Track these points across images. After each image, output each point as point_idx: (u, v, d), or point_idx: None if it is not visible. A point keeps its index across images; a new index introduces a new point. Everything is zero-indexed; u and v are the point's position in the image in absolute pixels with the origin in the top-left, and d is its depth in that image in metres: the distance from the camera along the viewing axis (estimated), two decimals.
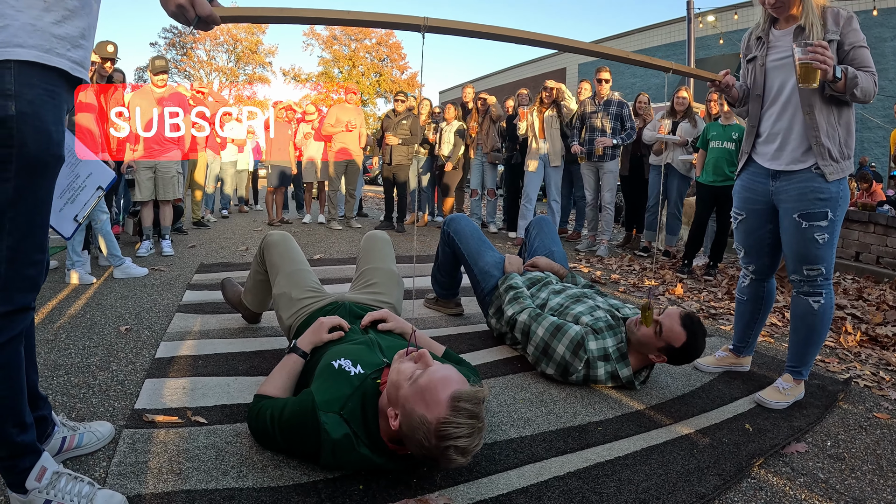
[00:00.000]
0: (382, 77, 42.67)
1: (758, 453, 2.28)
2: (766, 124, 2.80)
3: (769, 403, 2.74)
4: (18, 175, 1.53)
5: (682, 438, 2.39)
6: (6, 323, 1.59)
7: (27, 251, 1.60)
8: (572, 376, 2.85)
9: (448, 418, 1.70)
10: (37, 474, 1.69)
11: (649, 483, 2.03)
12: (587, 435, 2.37)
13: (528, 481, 2.00)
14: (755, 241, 2.93)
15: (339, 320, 2.44)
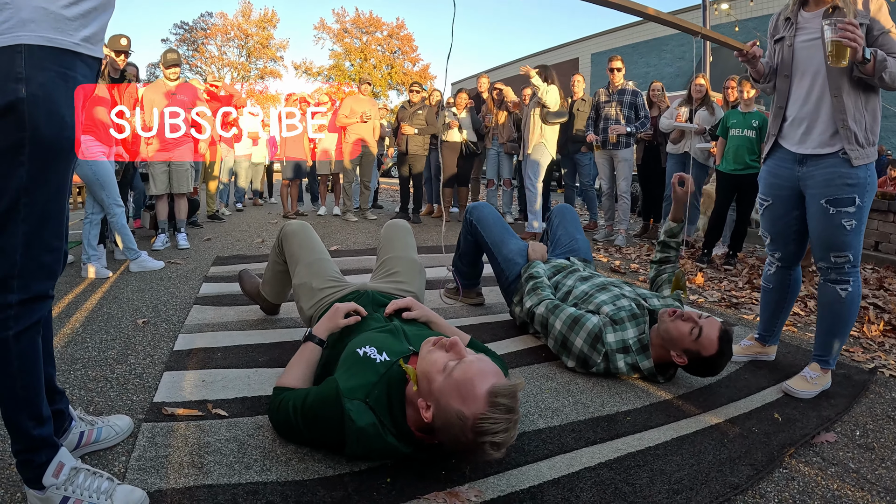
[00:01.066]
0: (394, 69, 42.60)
1: (788, 443, 2.24)
2: (793, 107, 2.73)
3: (797, 393, 2.69)
4: (32, 160, 1.52)
5: (712, 428, 2.34)
6: (23, 311, 1.57)
7: (44, 238, 1.59)
8: (592, 368, 2.81)
9: (486, 414, 1.66)
10: (54, 470, 1.65)
11: (682, 474, 1.99)
12: (616, 425, 2.33)
13: (559, 472, 1.97)
14: (782, 227, 2.87)
15: (355, 306, 2.41)
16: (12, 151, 1.50)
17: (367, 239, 6.86)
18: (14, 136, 1.48)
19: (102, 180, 4.58)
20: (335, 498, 1.76)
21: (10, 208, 1.52)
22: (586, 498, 1.83)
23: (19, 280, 1.56)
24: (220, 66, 40.36)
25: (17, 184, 1.51)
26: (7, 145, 1.50)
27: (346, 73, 41.84)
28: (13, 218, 1.53)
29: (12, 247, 1.54)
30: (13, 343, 1.56)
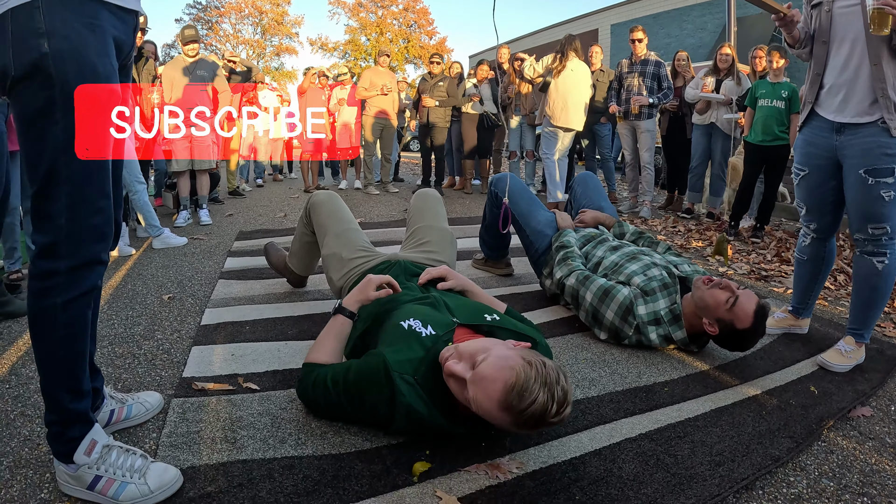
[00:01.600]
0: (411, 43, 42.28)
1: (826, 416, 2.21)
2: (830, 75, 2.65)
3: (832, 366, 2.65)
4: (67, 115, 1.44)
5: (750, 400, 2.31)
6: (72, 279, 1.52)
7: (89, 198, 1.52)
8: (624, 341, 2.78)
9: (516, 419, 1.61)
10: (86, 447, 1.60)
11: (723, 445, 1.96)
12: (654, 396, 2.30)
13: (600, 443, 1.95)
14: (818, 198, 2.81)
15: (388, 278, 2.29)
16: (45, 111, 1.44)
17: (391, 212, 6.83)
18: (43, 94, 1.43)
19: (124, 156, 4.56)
20: (374, 471, 1.74)
21: (49, 170, 1.47)
22: (629, 469, 1.80)
23: (66, 245, 1.50)
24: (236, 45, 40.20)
25: (54, 143, 1.45)
26: (39, 106, 1.44)
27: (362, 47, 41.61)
28: (54, 180, 1.47)
29: (57, 211, 1.48)
30: (60, 312, 1.52)
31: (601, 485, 1.72)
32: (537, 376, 1.58)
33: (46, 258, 1.51)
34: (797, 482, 1.82)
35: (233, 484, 1.66)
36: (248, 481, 1.68)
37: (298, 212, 6.62)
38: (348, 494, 1.64)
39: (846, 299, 3.85)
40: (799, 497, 1.75)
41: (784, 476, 1.85)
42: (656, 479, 1.76)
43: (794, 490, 1.78)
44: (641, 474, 1.78)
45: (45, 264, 1.51)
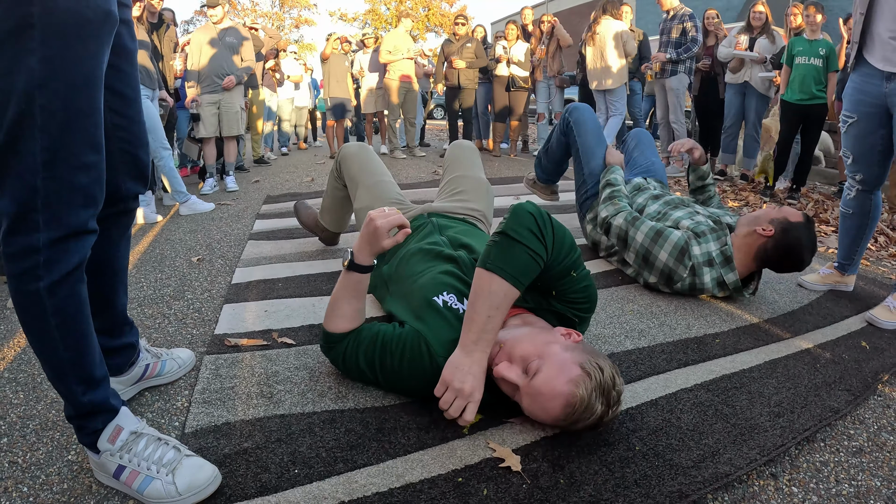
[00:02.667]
0: (431, 11, 41.78)
1: (881, 370, 2.14)
2: (878, 21, 2.53)
3: (881, 323, 2.57)
4: (46, 42, 1.17)
5: (803, 353, 2.25)
6: (57, 254, 1.27)
7: (73, 150, 1.25)
8: (677, 284, 2.71)
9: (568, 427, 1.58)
10: (110, 434, 1.42)
11: (780, 397, 1.90)
12: (706, 347, 2.25)
13: (656, 394, 1.89)
14: (866, 147, 2.70)
15: (398, 219, 1.85)
16: (16, 34, 1.15)
17: (419, 174, 6.78)
18: (15, 11, 1.14)
19: (149, 123, 4.51)
20: (421, 424, 1.70)
21: (20, 115, 1.19)
22: (687, 419, 1.75)
23: (45, 212, 1.24)
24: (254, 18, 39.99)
25: (28, 79, 1.17)
26: (9, 26, 1.15)
27: (382, 17, 41.19)
28: (27, 128, 1.19)
29: (30, 168, 1.21)
30: (46, 297, 1.28)
31: (661, 435, 1.66)
32: (595, 388, 1.51)
33: (19, 232, 1.24)
34: (857, 435, 1.76)
35: (271, 439, 1.61)
36: (287, 436, 1.63)
37: (325, 176, 6.58)
38: (395, 448, 1.59)
39: (888, 260, 3.75)
40: (861, 450, 1.69)
41: (844, 429, 1.79)
42: (716, 430, 1.70)
43: (855, 443, 1.72)
44: (701, 424, 1.72)
45: (19, 240, 1.25)
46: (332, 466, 1.50)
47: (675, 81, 6.91)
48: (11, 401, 1.84)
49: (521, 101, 8.60)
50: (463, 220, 2.54)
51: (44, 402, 1.84)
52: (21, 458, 1.56)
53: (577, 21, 8.67)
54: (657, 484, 1.45)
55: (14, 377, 1.99)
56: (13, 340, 2.28)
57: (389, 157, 8.68)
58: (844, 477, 1.56)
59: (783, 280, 3.11)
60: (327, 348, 1.91)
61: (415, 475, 1.48)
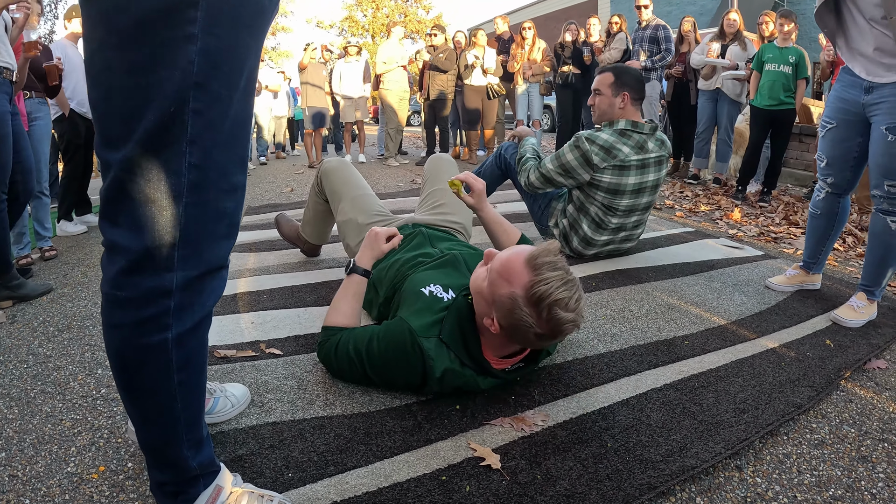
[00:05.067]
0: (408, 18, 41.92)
1: (844, 367, 2.24)
2: (853, 41, 2.65)
3: (845, 322, 2.69)
4: (211, 29, 0.91)
5: (769, 352, 2.35)
6: (192, 296, 1.04)
7: (224, 170, 1.01)
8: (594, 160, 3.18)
9: (534, 279, 1.66)
10: (209, 496, 1.21)
11: (745, 394, 2.00)
12: (675, 349, 2.34)
13: (627, 394, 1.98)
14: (842, 152, 2.81)
15: (393, 229, 2.24)
16: (171, 14, 0.88)
17: (398, 183, 6.85)
18: None
19: None
20: (405, 427, 1.78)
21: (166, 121, 0.92)
22: (657, 417, 1.84)
23: (184, 247, 0.99)
24: None
25: (183, 75, 0.90)
26: (164, 2, 0.88)
27: (358, 24, 41.24)
28: (173, 139, 0.93)
29: (174, 190, 0.96)
30: (175, 350, 1.04)
31: (631, 432, 1.76)
32: (565, 267, 1.72)
33: (144, 271, 0.99)
34: (819, 428, 1.86)
35: (264, 446, 1.68)
36: (280, 442, 1.70)
37: (305, 186, 6.64)
38: (382, 450, 1.67)
39: (856, 260, 3.88)
40: (822, 442, 1.79)
41: (807, 423, 1.89)
42: (684, 426, 1.80)
43: (817, 436, 1.82)
44: (669, 422, 1.82)
45: (142, 281, 0.99)
46: (323, 469, 1.58)
47: (648, 88, 7.02)
48: (6, 416, 1.88)
49: (495, 109, 8.74)
50: (446, 232, 2.65)
51: (39, 417, 1.88)
52: (21, 472, 1.61)
53: (553, 26, 8.80)
54: (628, 477, 1.55)
55: (7, 392, 2.03)
56: (6, 356, 2.33)
57: (383, 163, 8.75)
58: (806, 468, 1.66)
59: (751, 282, 3.23)
60: (323, 341, 2.04)
61: (402, 475, 1.56)
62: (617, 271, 3.29)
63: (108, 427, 1.80)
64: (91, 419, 1.85)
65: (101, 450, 1.70)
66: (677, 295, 2.97)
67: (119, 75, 0.91)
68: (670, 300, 2.89)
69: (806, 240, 3.13)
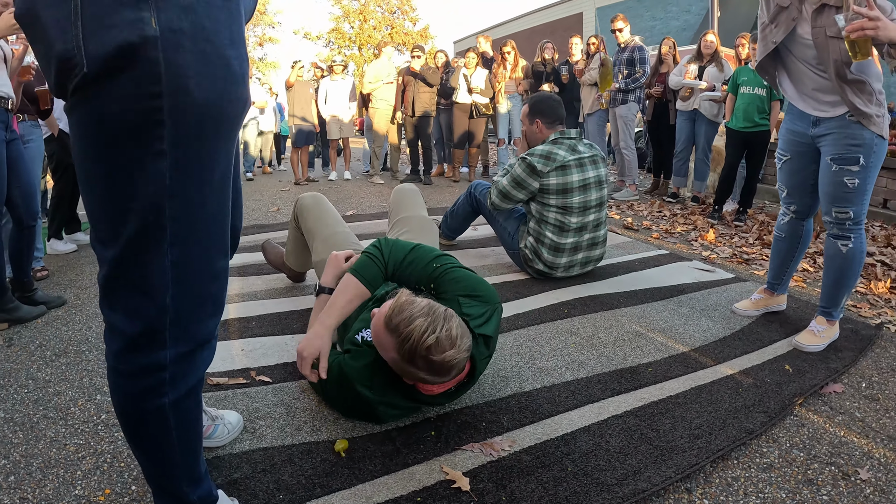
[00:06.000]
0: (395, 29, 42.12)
1: (798, 393, 2.38)
2: (798, 77, 2.79)
3: (806, 347, 2.82)
4: (178, 144, 1.00)
5: (728, 378, 2.49)
6: (184, 368, 1.17)
7: (205, 261, 1.13)
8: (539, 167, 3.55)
9: (397, 342, 1.82)
10: None
11: (701, 420, 2.14)
12: (639, 376, 2.48)
13: (589, 420, 2.13)
14: (799, 181, 2.96)
15: (349, 251, 2.53)
16: (140, 133, 0.97)
17: (381, 202, 6.97)
18: (140, 105, 0.95)
19: None
20: (385, 451, 1.92)
21: (146, 227, 1.03)
22: (615, 443, 1.99)
23: (174, 329, 1.12)
24: None
25: (156, 188, 1.01)
26: (132, 123, 0.97)
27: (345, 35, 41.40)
28: (154, 242, 1.05)
29: (158, 285, 1.08)
30: (171, 412, 1.18)
31: (590, 457, 1.91)
32: (420, 309, 1.83)
33: (141, 350, 1.12)
34: (769, 453, 2.00)
35: (256, 470, 1.82)
36: (271, 466, 1.84)
37: (290, 206, 6.73)
38: (364, 473, 1.81)
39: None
40: (771, 466, 1.93)
41: (758, 447, 2.03)
42: (640, 451, 1.94)
43: (766, 460, 1.96)
44: (627, 447, 1.97)
45: (139, 359, 1.13)
46: (311, 492, 1.72)
47: (623, 110, 7.30)
48: (11, 440, 1.98)
49: (481, 127, 8.87)
50: None
51: (44, 441, 1.99)
52: (31, 495, 1.72)
53: (538, 41, 8.94)
54: (585, 499, 1.69)
55: (11, 417, 2.13)
56: (6, 380, 2.42)
57: (365, 180, 8.91)
58: (753, 490, 1.81)
59: (719, 306, 3.37)
60: None
61: (381, 496, 1.71)
62: (589, 297, 3.42)
63: (110, 452, 1.92)
64: (94, 444, 1.96)
65: (105, 473, 1.81)
66: (645, 321, 3.11)
67: (100, 184, 1.03)
68: (638, 327, 3.02)
69: (771, 261, 3.28)
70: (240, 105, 1.08)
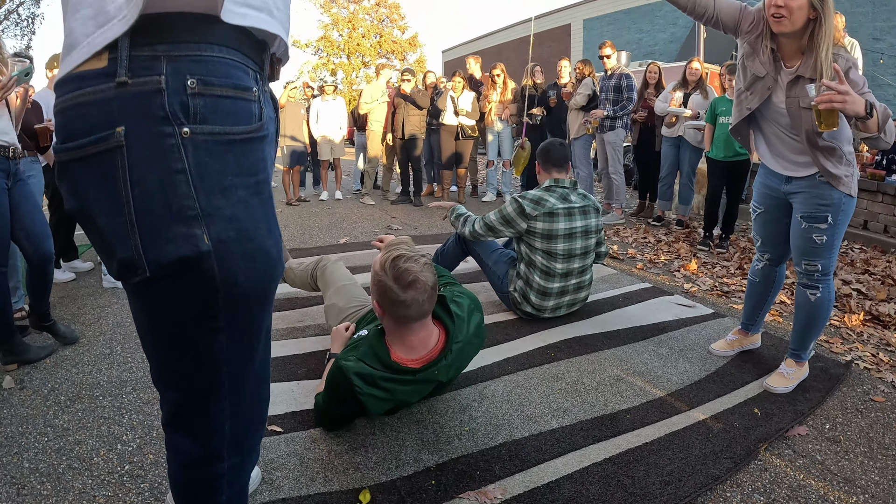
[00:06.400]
0: (383, 38, 42.21)
1: (764, 438, 2.56)
2: (771, 140, 2.94)
3: (775, 390, 2.99)
4: (231, 323, 1.17)
5: (699, 424, 2.66)
6: (238, 471, 1.35)
7: (254, 397, 1.33)
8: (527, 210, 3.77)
9: (383, 255, 2.45)
10: None
11: (672, 466, 2.33)
12: (618, 423, 2.66)
13: (571, 468, 2.31)
14: (772, 232, 3.11)
15: (347, 323, 2.99)
16: (200, 318, 1.15)
17: (373, 227, 7.14)
18: (199, 298, 1.12)
19: None
20: (391, 500, 2.12)
21: (207, 383, 1.22)
22: (594, 490, 2.18)
23: (231, 448, 1.30)
24: None
25: (217, 354, 1.19)
26: (191, 312, 1.14)
27: (334, 43, 41.45)
28: (215, 393, 1.23)
29: (219, 422, 1.26)
30: (227, 500, 1.35)
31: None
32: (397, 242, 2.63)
33: (205, 465, 1.30)
34: (732, 497, 2.19)
35: None
36: None
37: (284, 230, 6.88)
38: None
39: None
40: None
41: (722, 492, 2.22)
42: (616, 498, 2.14)
43: None
44: (604, 494, 2.16)
45: (204, 471, 1.30)
46: None
47: (612, 136, 7.51)
48: (41, 492, 2.11)
49: (469, 148, 9.07)
50: None
51: (73, 493, 2.10)
52: None
53: (527, 50, 9.13)
54: None
55: (36, 467, 2.25)
56: (24, 427, 2.54)
57: (356, 200, 9.09)
58: None
59: (696, 346, 3.55)
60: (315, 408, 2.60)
61: None
62: (574, 339, 3.58)
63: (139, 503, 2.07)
64: (122, 495, 2.10)
65: None
66: (627, 364, 3.28)
67: (164, 352, 1.21)
68: (619, 371, 3.19)
69: (745, 303, 3.45)
70: (278, 280, 1.25)
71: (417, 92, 8.61)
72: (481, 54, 9.60)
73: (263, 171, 1.16)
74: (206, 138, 1.03)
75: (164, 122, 0.99)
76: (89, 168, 1.02)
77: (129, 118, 0.99)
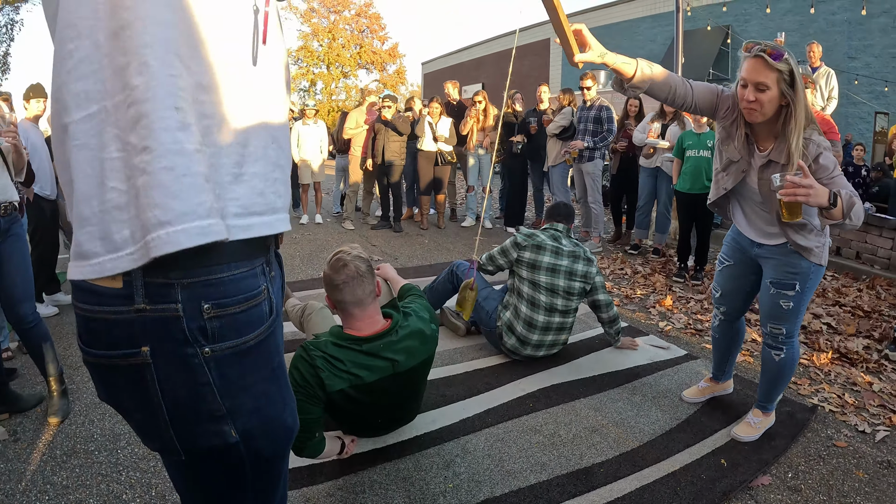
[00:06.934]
0: (363, 48, 42.37)
1: (728, 490, 2.69)
2: (744, 209, 3.07)
3: (741, 438, 3.13)
4: (256, 481, 1.25)
5: (669, 476, 2.80)
6: None
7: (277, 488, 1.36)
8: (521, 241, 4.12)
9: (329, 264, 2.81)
10: None
11: None
12: (592, 477, 2.79)
13: None
14: (736, 286, 3.24)
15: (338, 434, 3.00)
16: (231, 481, 1.24)
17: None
18: (230, 468, 1.21)
19: None
20: None
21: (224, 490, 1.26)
22: None
23: None
24: None
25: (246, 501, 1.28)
26: (223, 478, 1.23)
27: (314, 53, 41.53)
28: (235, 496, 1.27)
29: None
30: None
31: None
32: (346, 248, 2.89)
33: None
34: None
35: None
36: None
37: None
38: None
39: None
40: None
41: None
42: None
43: None
44: None
45: None
46: None
47: (591, 166, 7.68)
48: None
49: (447, 173, 9.19)
50: None
51: None
52: None
53: (506, 65, 9.25)
54: None
55: None
56: (25, 484, 2.60)
57: (337, 224, 9.20)
58: None
59: (668, 393, 3.68)
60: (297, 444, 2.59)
61: None
62: (551, 387, 3.70)
63: None
64: None
65: None
66: (601, 413, 3.40)
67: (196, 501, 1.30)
68: (594, 421, 3.31)
69: (713, 355, 3.60)
70: (294, 437, 1.32)
71: (398, 118, 8.71)
72: (461, 67, 9.74)
73: (278, 356, 1.24)
74: (226, 352, 1.10)
75: (185, 344, 1.06)
76: (120, 374, 1.09)
77: (151, 339, 1.05)
